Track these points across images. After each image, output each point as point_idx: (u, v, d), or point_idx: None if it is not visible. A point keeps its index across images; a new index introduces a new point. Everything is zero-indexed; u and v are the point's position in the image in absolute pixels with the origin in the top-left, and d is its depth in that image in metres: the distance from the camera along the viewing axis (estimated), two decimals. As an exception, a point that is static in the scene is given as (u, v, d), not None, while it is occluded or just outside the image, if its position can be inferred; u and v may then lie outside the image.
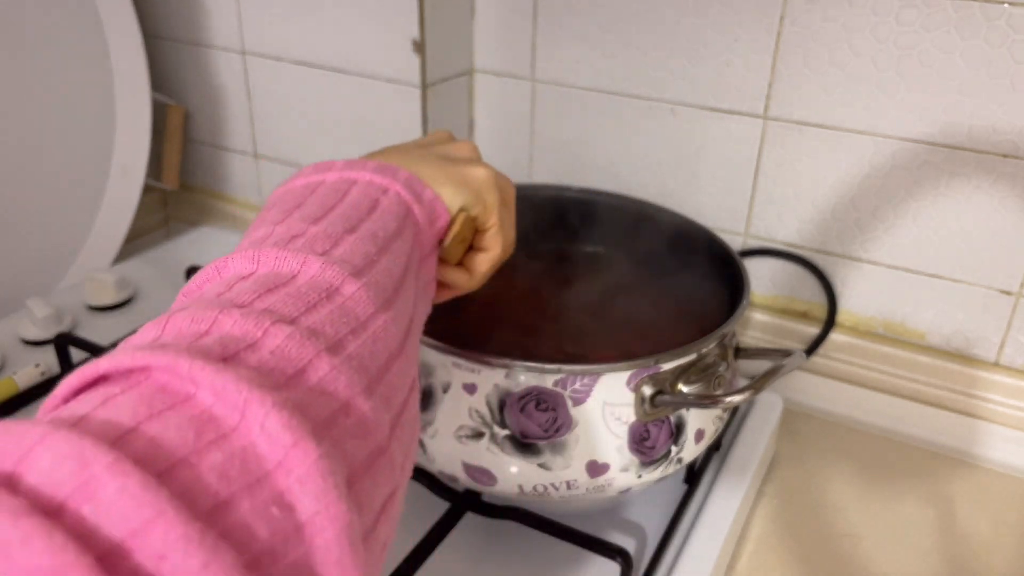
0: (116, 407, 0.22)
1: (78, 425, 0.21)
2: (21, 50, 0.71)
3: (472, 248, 0.45)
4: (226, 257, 0.32)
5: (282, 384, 0.25)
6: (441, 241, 0.41)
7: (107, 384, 0.24)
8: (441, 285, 0.46)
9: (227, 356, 0.25)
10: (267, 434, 0.23)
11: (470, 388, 0.46)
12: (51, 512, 0.19)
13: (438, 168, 0.42)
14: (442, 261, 0.44)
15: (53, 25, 0.73)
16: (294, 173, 0.41)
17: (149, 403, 0.23)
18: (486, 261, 0.45)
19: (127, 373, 0.24)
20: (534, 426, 0.46)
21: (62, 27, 0.74)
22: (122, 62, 0.78)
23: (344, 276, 0.31)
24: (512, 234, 0.47)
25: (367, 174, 0.39)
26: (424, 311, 0.39)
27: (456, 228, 0.41)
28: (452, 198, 0.41)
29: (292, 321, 0.28)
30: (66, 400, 0.24)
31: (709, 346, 0.48)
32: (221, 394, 0.23)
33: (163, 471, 0.21)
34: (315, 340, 0.27)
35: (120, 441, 0.21)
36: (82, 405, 0.23)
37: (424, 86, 0.70)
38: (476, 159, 0.45)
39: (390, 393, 0.30)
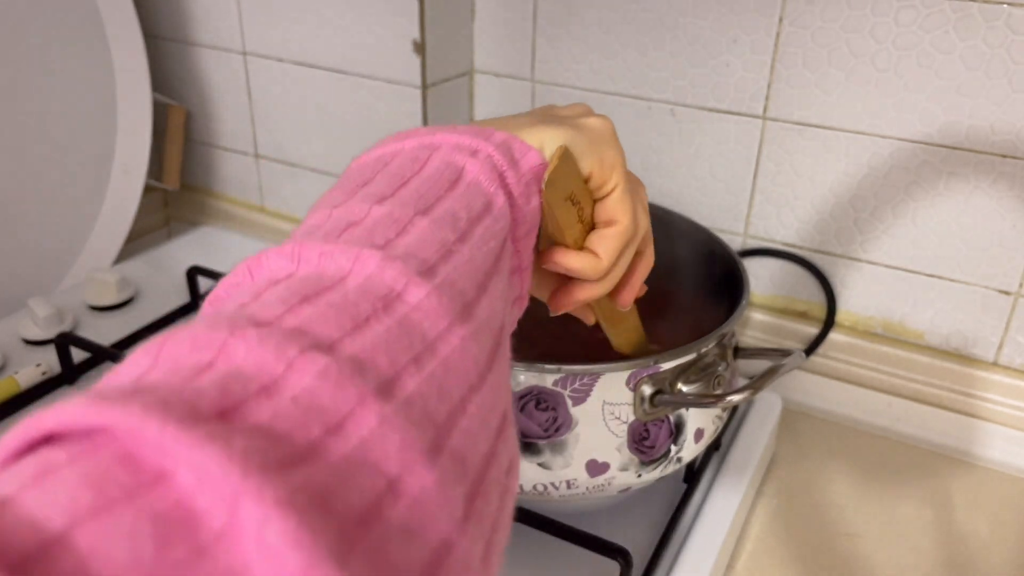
0: (52, 491, 0.16)
1: None
2: (23, 51, 0.72)
3: (594, 228, 0.37)
4: (262, 253, 0.25)
5: (300, 454, 0.18)
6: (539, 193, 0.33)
7: (54, 446, 0.17)
8: (564, 284, 0.37)
9: (226, 408, 0.18)
10: (265, 551, 0.15)
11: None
12: None
13: (540, 119, 0.34)
14: (556, 246, 0.36)
15: (54, 26, 0.73)
16: (377, 143, 0.34)
17: (99, 486, 0.16)
18: (615, 237, 0.36)
19: (84, 432, 0.17)
20: (534, 425, 0.46)
21: (63, 28, 0.74)
22: (123, 63, 0.79)
23: (409, 276, 0.24)
24: (646, 220, 0.39)
25: (454, 136, 0.31)
26: (516, 313, 0.32)
27: (554, 163, 0.33)
28: (554, 139, 0.33)
29: (331, 347, 0.20)
30: (4, 463, 0.17)
31: (708, 346, 0.48)
32: (205, 478, 0.16)
33: None
34: (360, 378, 0.20)
35: (37, 560, 0.14)
36: (10, 480, 0.16)
37: (424, 86, 0.71)
38: (591, 113, 0.37)
39: (467, 447, 0.22)
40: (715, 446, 0.59)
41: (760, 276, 0.71)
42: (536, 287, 0.39)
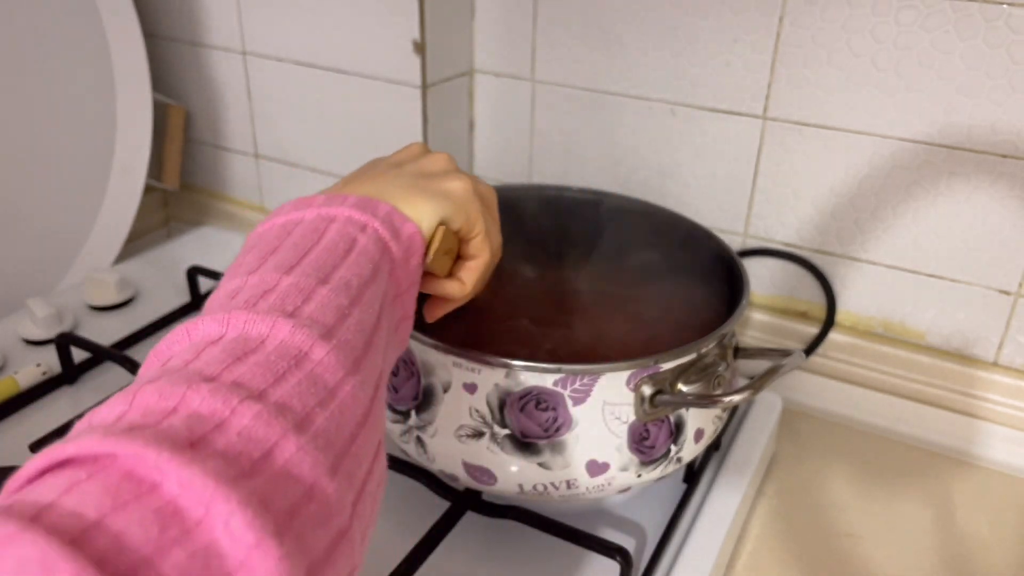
0: (81, 495, 0.22)
1: (42, 518, 0.21)
2: (22, 51, 0.72)
3: (460, 258, 0.46)
4: (196, 320, 0.32)
5: (248, 470, 0.25)
6: (424, 256, 0.41)
7: (73, 467, 0.24)
8: (436, 299, 0.47)
9: (194, 440, 0.25)
10: (230, 532, 0.23)
11: (470, 388, 0.46)
12: None
13: (413, 187, 0.42)
14: (431, 275, 0.44)
15: (54, 26, 0.73)
16: (275, 210, 0.41)
17: (115, 493, 0.23)
18: (476, 269, 0.46)
19: (93, 458, 0.24)
20: (534, 425, 0.46)
21: (63, 27, 0.74)
22: (123, 62, 0.79)
23: (313, 340, 0.31)
24: (498, 239, 0.48)
25: (346, 210, 0.38)
26: (395, 355, 0.39)
27: (436, 243, 0.41)
28: (431, 213, 0.41)
29: (260, 395, 0.28)
30: (31, 481, 0.24)
31: (709, 346, 0.48)
32: (187, 486, 0.23)
33: (126, 572, 0.21)
34: (282, 418, 0.27)
35: (84, 537, 0.21)
36: (47, 490, 0.23)
37: (424, 86, 0.71)
38: (453, 170, 0.45)
39: (354, 467, 0.30)
40: (715, 446, 0.59)
41: (760, 276, 0.71)
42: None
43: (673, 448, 0.49)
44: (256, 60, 0.80)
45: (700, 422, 0.50)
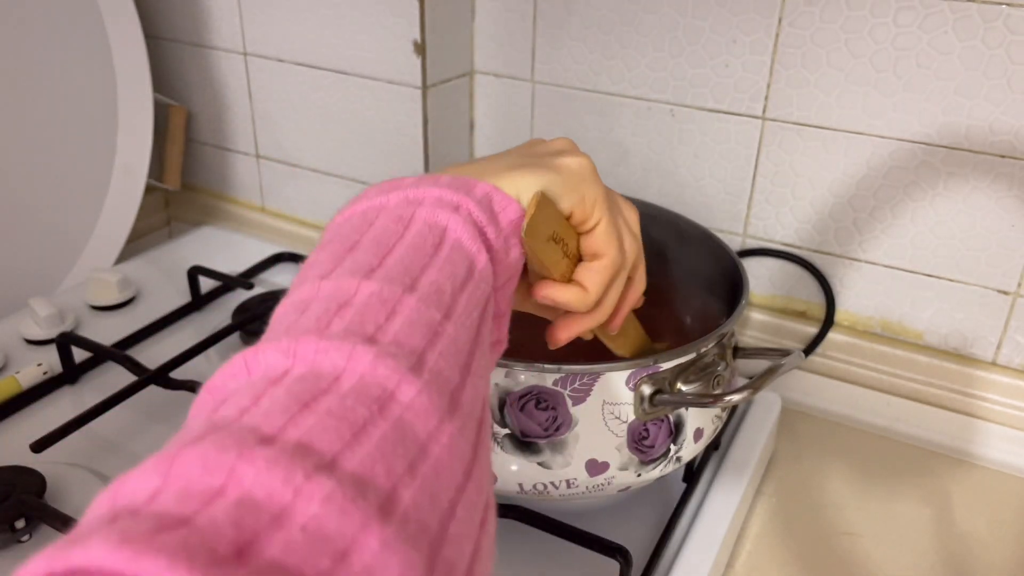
0: None
1: None
2: (24, 51, 0.72)
3: (581, 260, 0.38)
4: (258, 347, 0.26)
5: None
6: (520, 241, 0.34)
7: None
8: (559, 322, 0.39)
9: (242, 544, 0.19)
10: None
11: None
12: None
13: (517, 165, 0.35)
14: (544, 280, 0.37)
15: (55, 26, 0.73)
16: (359, 194, 0.34)
17: None
18: (601, 270, 0.38)
19: (102, 573, 0.18)
20: (534, 425, 0.46)
21: (64, 28, 0.74)
22: (124, 63, 0.79)
23: (401, 374, 0.25)
24: (635, 247, 0.40)
25: (436, 190, 0.32)
26: (496, 356, 0.33)
27: (531, 211, 0.33)
28: (532, 186, 0.34)
29: (332, 464, 0.21)
30: None
31: (708, 345, 0.48)
32: None
33: None
34: (362, 500, 0.21)
35: None
36: None
37: (424, 87, 0.71)
38: (572, 150, 0.38)
39: (455, 554, 0.23)
40: (714, 446, 0.59)
41: (759, 276, 0.71)
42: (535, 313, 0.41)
43: (673, 447, 0.49)
44: (257, 61, 0.80)
45: (699, 421, 0.50)
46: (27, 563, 0.19)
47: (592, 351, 0.55)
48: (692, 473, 0.56)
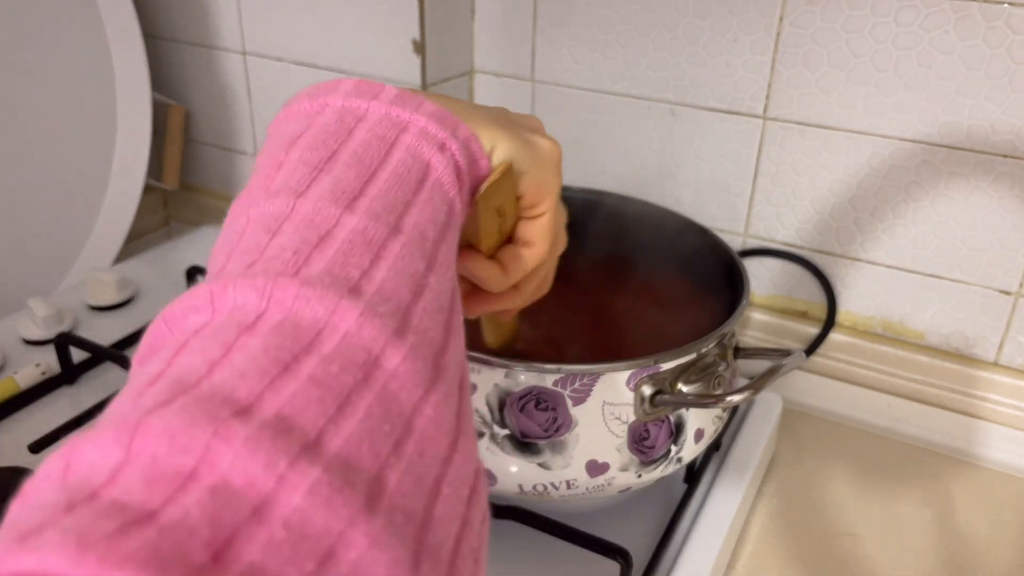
0: None
1: None
2: (22, 51, 0.71)
3: (511, 241, 0.37)
4: (225, 280, 0.23)
5: None
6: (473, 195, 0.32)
7: None
8: (475, 293, 0.37)
9: (218, 548, 0.17)
10: None
11: (470, 387, 0.46)
12: None
13: (497, 121, 0.34)
14: (469, 249, 0.35)
15: (54, 26, 0.73)
16: (324, 83, 0.32)
17: None
18: (526, 258, 0.36)
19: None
20: (534, 426, 0.46)
21: (63, 28, 0.74)
22: (123, 62, 0.79)
23: (387, 337, 0.23)
24: (563, 242, 0.40)
25: (422, 119, 0.29)
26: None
27: (495, 176, 0.32)
28: (506, 151, 0.33)
29: (316, 443, 0.19)
30: None
31: (709, 346, 0.48)
32: None
33: None
34: (349, 489, 0.19)
35: None
36: None
37: (424, 87, 0.71)
38: (543, 132, 0.38)
39: (442, 539, 0.21)
40: (715, 446, 0.59)
41: (760, 276, 0.71)
42: None
43: (673, 448, 0.49)
44: (256, 60, 0.80)
45: (700, 422, 0.50)
46: None
47: (592, 351, 0.55)
48: (693, 474, 0.56)
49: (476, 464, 0.24)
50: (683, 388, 0.47)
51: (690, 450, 0.50)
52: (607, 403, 0.46)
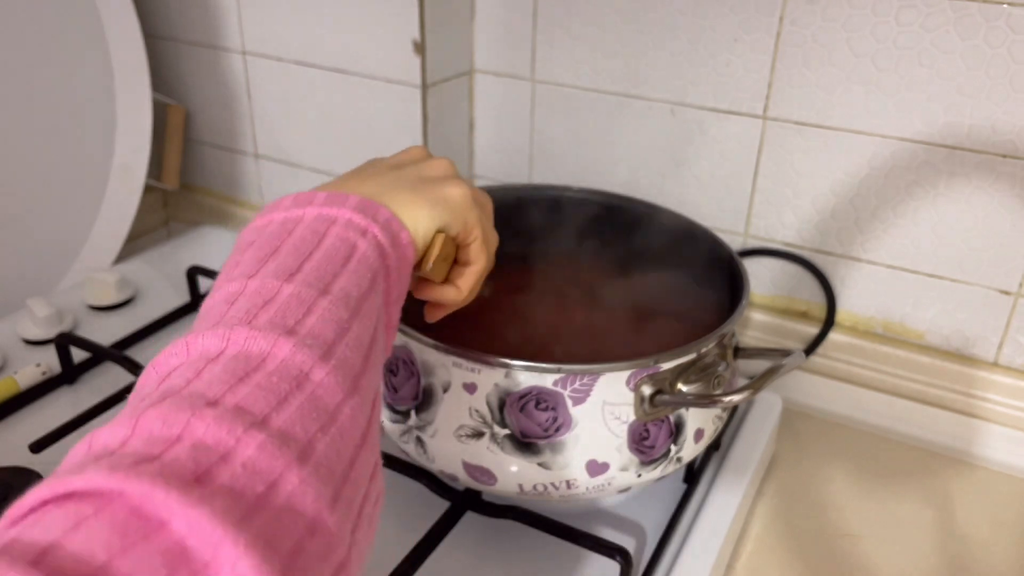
0: (88, 535, 0.22)
1: (45, 560, 0.21)
2: (22, 51, 0.71)
3: (457, 263, 0.46)
4: (195, 333, 0.31)
5: (252, 506, 0.25)
6: (419, 266, 0.42)
7: (77, 502, 0.23)
8: (433, 304, 0.47)
9: (200, 473, 0.25)
10: None
11: (470, 388, 0.46)
12: None
13: (413, 191, 0.42)
14: (428, 281, 0.45)
15: (53, 25, 0.73)
16: (272, 203, 0.40)
17: (123, 532, 0.22)
18: (472, 274, 0.46)
19: (99, 493, 0.23)
20: (534, 425, 0.46)
21: (62, 27, 0.74)
22: (122, 62, 0.79)
23: (314, 360, 0.31)
24: (494, 244, 0.48)
25: (347, 212, 0.38)
26: (391, 340, 0.40)
27: (436, 250, 0.42)
28: (429, 220, 0.41)
29: (263, 422, 0.27)
30: (33, 510, 0.23)
31: (709, 346, 0.48)
32: (195, 527, 0.23)
33: None
34: (286, 448, 0.27)
35: None
36: (51, 527, 0.22)
37: (424, 86, 0.71)
38: (452, 176, 0.45)
39: (353, 493, 0.29)
40: (715, 446, 0.59)
41: (760, 276, 0.71)
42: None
43: (673, 448, 0.49)
44: (256, 60, 0.80)
45: (700, 422, 0.50)
46: (28, 493, 0.24)
47: (592, 351, 0.55)
48: (693, 474, 0.56)
49: (377, 458, 0.33)
50: (683, 388, 0.47)
51: (690, 450, 0.50)
52: (607, 403, 0.46)
